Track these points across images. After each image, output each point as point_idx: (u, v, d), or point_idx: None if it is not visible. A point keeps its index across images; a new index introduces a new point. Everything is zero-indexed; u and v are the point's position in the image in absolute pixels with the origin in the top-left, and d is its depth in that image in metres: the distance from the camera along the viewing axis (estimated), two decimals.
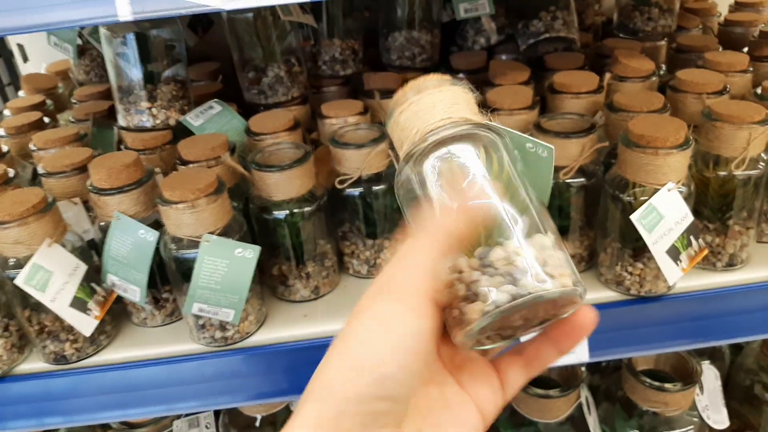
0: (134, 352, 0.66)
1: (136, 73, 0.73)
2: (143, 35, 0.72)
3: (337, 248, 0.72)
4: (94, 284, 0.62)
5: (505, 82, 0.78)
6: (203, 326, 0.63)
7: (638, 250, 0.63)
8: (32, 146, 0.76)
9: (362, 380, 0.30)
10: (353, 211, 0.69)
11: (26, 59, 1.22)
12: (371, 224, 0.69)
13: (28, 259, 0.57)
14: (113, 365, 0.65)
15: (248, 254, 0.60)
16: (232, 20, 0.82)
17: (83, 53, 0.99)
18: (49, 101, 0.95)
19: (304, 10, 0.83)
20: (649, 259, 0.63)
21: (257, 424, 0.85)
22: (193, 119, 0.75)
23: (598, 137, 0.65)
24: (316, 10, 0.87)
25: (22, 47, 1.22)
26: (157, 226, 0.62)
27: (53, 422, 0.68)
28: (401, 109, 0.37)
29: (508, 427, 0.85)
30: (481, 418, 0.36)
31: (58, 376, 0.64)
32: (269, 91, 0.84)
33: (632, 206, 0.60)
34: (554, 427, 0.83)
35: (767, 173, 0.64)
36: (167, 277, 0.65)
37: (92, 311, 0.62)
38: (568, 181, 0.64)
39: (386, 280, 0.32)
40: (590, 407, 0.85)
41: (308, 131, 0.80)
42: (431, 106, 0.36)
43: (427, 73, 0.39)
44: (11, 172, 0.68)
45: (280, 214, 0.65)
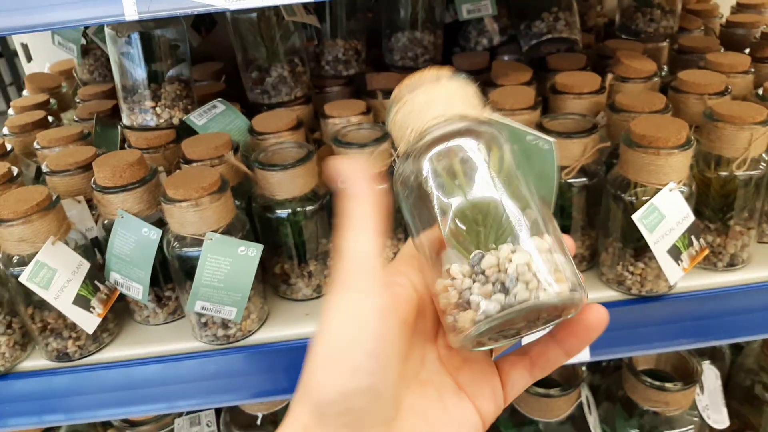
0: (136, 349, 0.66)
1: (140, 72, 0.73)
2: (148, 35, 0.72)
3: None
4: (97, 282, 0.63)
5: (507, 82, 0.78)
6: (205, 324, 0.64)
7: (639, 249, 0.63)
8: (36, 145, 0.76)
9: (335, 379, 0.29)
10: None
11: (30, 59, 1.22)
12: None
13: (32, 256, 0.57)
14: (115, 363, 0.65)
15: (251, 252, 0.60)
16: (235, 20, 0.82)
17: (87, 53, 0.99)
18: (52, 100, 0.96)
19: (307, 10, 0.83)
20: (650, 258, 0.63)
21: (258, 422, 0.85)
22: (196, 118, 0.75)
23: (599, 137, 0.65)
24: (319, 10, 0.88)
25: (26, 47, 1.22)
26: (160, 224, 0.62)
27: (55, 420, 0.68)
28: (398, 107, 0.36)
29: (508, 426, 0.85)
30: (479, 419, 0.35)
31: (60, 373, 0.64)
32: (272, 90, 0.84)
33: (634, 206, 0.60)
34: (555, 426, 0.83)
35: None
36: (170, 275, 0.65)
37: (95, 309, 0.62)
38: (570, 180, 0.65)
39: (337, 276, 0.31)
40: (591, 407, 0.85)
41: (311, 131, 0.80)
42: (426, 103, 0.35)
43: None
44: (15, 170, 0.68)
45: (282, 213, 0.65)
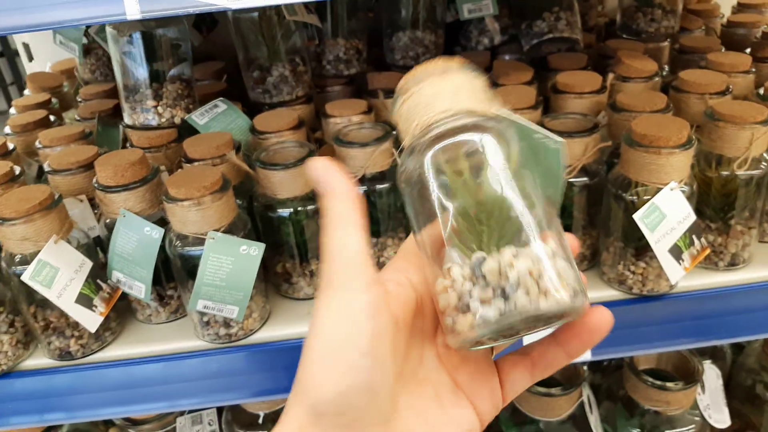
0: (138, 348, 0.66)
1: (142, 71, 0.73)
2: (149, 34, 0.72)
3: None
4: (99, 281, 0.63)
5: (508, 82, 0.78)
6: (207, 323, 0.64)
7: (641, 249, 0.63)
8: (38, 144, 0.76)
9: (332, 378, 0.29)
10: None
11: (31, 58, 1.22)
12: (375, 222, 0.70)
13: (34, 255, 0.58)
14: (117, 362, 0.65)
15: (253, 251, 0.60)
16: (237, 20, 0.82)
17: (89, 52, 1.00)
18: (54, 100, 0.96)
19: (308, 9, 0.83)
20: (651, 258, 0.63)
21: (260, 421, 0.85)
22: (198, 118, 0.75)
23: (600, 137, 0.65)
24: (320, 9, 0.88)
25: (27, 46, 1.22)
26: (162, 223, 0.62)
27: (56, 418, 0.68)
28: (403, 98, 0.35)
29: (509, 425, 0.85)
30: (477, 419, 0.34)
31: (62, 372, 0.65)
32: (274, 90, 0.84)
33: (635, 205, 0.60)
34: (556, 425, 0.83)
35: None
36: (172, 274, 0.65)
37: (97, 308, 0.62)
38: (571, 180, 0.65)
39: (325, 275, 0.31)
40: (592, 406, 0.85)
41: (312, 130, 0.81)
42: (432, 96, 0.34)
43: None
44: (17, 169, 0.68)
45: (284, 212, 0.65)
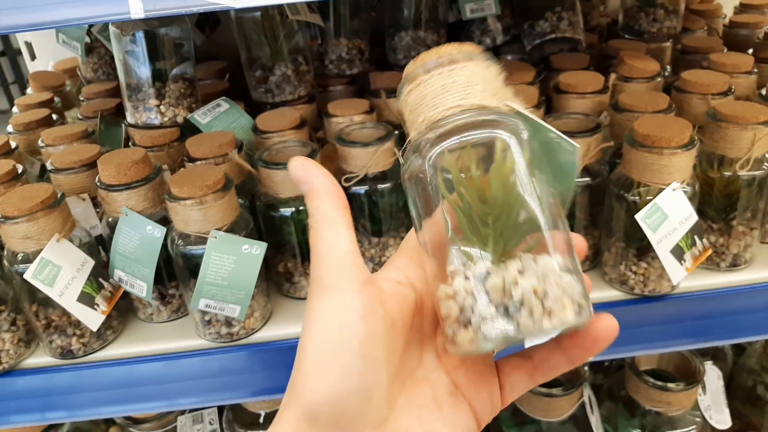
0: (140, 347, 0.66)
1: (144, 71, 0.73)
2: (152, 33, 0.72)
3: None
4: (101, 279, 0.63)
5: (510, 82, 0.78)
6: (209, 322, 0.64)
7: (642, 249, 0.63)
8: (41, 143, 0.76)
9: (326, 380, 0.29)
10: (359, 209, 0.69)
11: (34, 57, 1.23)
12: (376, 222, 0.70)
13: (36, 253, 0.58)
14: (119, 360, 0.65)
15: (255, 251, 0.60)
16: (239, 19, 0.82)
17: (91, 51, 1.00)
18: (57, 98, 0.96)
19: (311, 9, 0.83)
20: (653, 258, 0.63)
21: (261, 420, 0.85)
22: (200, 117, 0.75)
23: (603, 137, 0.65)
24: (323, 9, 0.88)
25: (30, 45, 1.22)
26: (164, 222, 0.62)
27: (58, 416, 0.68)
28: (410, 87, 0.33)
29: (510, 425, 0.86)
30: (474, 420, 0.34)
31: (63, 370, 0.65)
32: (276, 89, 0.84)
33: (637, 206, 0.60)
34: (557, 425, 0.83)
35: None
36: (174, 273, 0.65)
37: (99, 306, 0.62)
38: None
39: (314, 276, 0.31)
40: (593, 406, 0.85)
41: (314, 130, 0.81)
42: (441, 89, 0.32)
43: None
44: (20, 167, 0.68)
45: (286, 211, 0.66)
